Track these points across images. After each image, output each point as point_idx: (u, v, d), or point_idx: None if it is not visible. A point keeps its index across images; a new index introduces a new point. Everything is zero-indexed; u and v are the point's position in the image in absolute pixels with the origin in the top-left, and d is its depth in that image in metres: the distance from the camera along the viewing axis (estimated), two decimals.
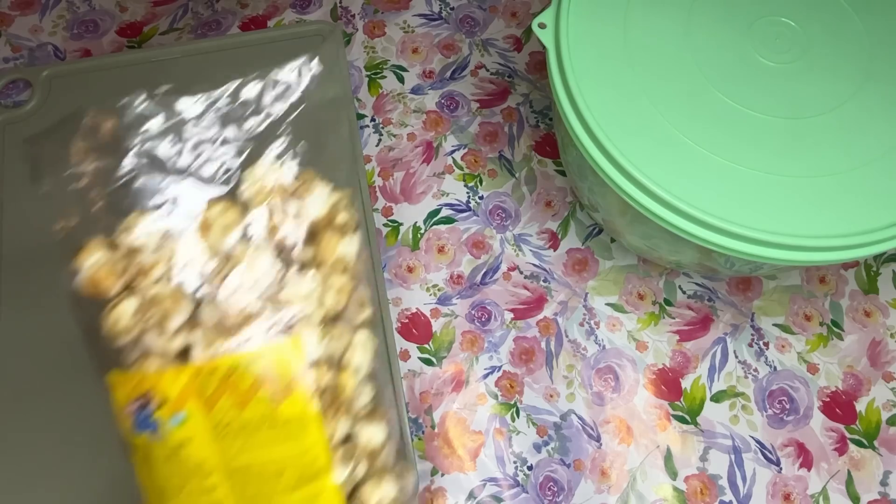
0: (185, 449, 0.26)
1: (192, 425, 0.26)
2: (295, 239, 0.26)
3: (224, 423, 0.26)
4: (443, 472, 0.43)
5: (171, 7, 0.59)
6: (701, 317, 0.47)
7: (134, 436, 0.27)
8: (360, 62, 0.55)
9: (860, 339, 0.47)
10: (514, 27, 0.58)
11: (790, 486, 0.43)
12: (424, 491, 0.42)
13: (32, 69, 0.54)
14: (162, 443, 0.26)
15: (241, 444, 0.26)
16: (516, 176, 0.52)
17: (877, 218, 0.35)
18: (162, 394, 0.26)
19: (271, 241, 0.26)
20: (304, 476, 0.26)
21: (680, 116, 0.38)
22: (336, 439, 0.26)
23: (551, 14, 0.41)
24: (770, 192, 0.36)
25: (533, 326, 0.47)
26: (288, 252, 0.26)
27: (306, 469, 0.26)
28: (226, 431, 0.26)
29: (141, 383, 0.26)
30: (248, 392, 0.26)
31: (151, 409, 0.26)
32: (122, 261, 0.26)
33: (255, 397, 0.26)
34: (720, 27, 0.40)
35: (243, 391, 0.26)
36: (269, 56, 0.55)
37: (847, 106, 0.38)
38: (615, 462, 0.43)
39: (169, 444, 0.26)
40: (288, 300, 0.25)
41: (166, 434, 0.26)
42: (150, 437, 0.26)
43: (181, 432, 0.26)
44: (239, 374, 0.26)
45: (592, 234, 0.50)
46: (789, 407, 0.45)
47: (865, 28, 0.40)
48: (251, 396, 0.26)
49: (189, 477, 0.26)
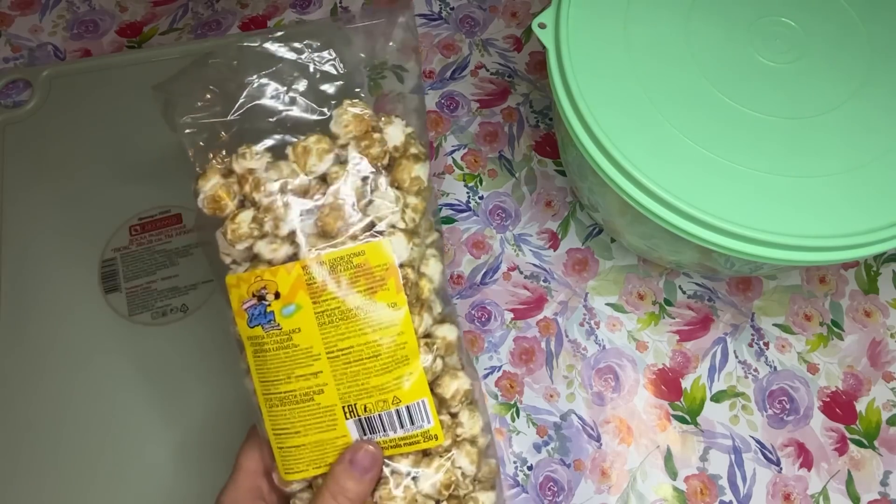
0: (295, 337, 0.30)
1: (300, 315, 0.30)
2: (378, 163, 0.31)
3: (327, 312, 0.30)
4: None
5: (171, 7, 0.59)
6: (701, 317, 0.47)
7: (249, 330, 0.31)
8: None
9: (860, 339, 0.47)
10: (514, 27, 0.58)
11: (790, 486, 0.43)
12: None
13: (32, 69, 0.54)
14: (275, 333, 0.30)
15: (342, 330, 0.30)
16: (516, 176, 0.52)
17: (877, 218, 0.35)
18: (275, 289, 0.30)
19: (359, 164, 0.31)
20: (396, 358, 0.30)
21: (680, 116, 0.38)
22: (419, 332, 0.31)
23: (551, 14, 0.41)
24: (770, 192, 0.36)
25: (533, 326, 0.47)
26: (373, 173, 0.31)
27: (398, 352, 0.30)
28: (329, 319, 0.30)
29: (256, 282, 0.30)
30: (349, 284, 0.30)
31: (266, 303, 0.30)
32: (235, 183, 0.31)
33: (355, 288, 0.30)
34: (720, 27, 0.40)
35: (344, 283, 0.30)
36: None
37: (847, 106, 0.38)
38: (615, 462, 0.43)
39: (281, 333, 0.30)
40: (375, 212, 0.31)
41: (279, 324, 0.30)
42: (265, 329, 0.30)
43: (292, 322, 0.30)
44: (340, 268, 0.30)
45: (592, 234, 0.50)
46: (789, 407, 0.45)
47: (866, 28, 0.40)
48: (351, 288, 0.30)
49: (298, 363, 0.30)
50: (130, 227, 0.49)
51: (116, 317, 0.46)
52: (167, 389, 0.44)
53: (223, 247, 0.32)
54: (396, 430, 0.31)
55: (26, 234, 0.49)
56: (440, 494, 0.31)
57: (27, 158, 0.51)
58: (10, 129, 0.52)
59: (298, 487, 0.32)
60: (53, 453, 0.43)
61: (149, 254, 0.48)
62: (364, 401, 0.31)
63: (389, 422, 0.31)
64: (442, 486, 0.31)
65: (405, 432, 0.31)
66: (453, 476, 0.32)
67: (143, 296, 0.47)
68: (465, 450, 0.32)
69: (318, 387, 0.31)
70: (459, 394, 0.32)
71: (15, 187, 0.50)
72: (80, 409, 0.44)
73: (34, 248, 0.48)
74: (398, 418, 0.31)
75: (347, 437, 0.31)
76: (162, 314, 0.46)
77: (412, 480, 0.31)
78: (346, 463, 0.30)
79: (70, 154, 0.51)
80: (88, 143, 0.52)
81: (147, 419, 0.43)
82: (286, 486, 0.32)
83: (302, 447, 0.31)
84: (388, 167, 0.32)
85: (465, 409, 0.32)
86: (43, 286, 0.47)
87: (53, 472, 0.42)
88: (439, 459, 0.31)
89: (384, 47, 0.33)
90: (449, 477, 0.31)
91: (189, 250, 0.48)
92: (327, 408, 0.31)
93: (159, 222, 0.49)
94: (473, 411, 0.33)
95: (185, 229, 0.49)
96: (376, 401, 0.31)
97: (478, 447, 0.33)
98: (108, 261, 0.48)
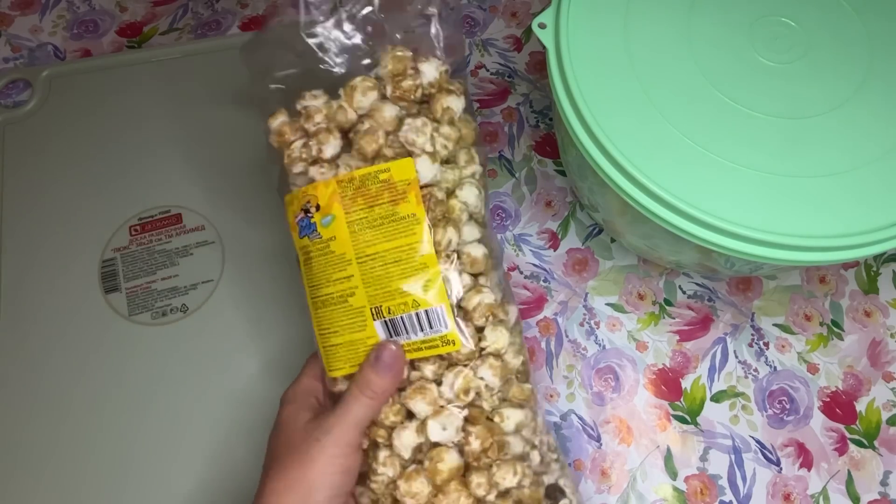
0: (332, 244, 0.34)
1: (335, 225, 0.34)
2: (411, 95, 0.35)
3: (357, 222, 0.34)
4: None
5: (171, 7, 0.59)
6: (701, 317, 0.47)
7: (300, 241, 0.35)
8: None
9: (860, 339, 0.47)
10: (514, 27, 0.58)
11: (790, 486, 0.43)
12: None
13: (32, 69, 0.54)
14: (317, 241, 0.35)
15: (368, 237, 0.34)
16: (516, 176, 0.52)
17: (877, 218, 0.35)
18: (316, 202, 0.35)
19: (396, 98, 0.35)
20: (415, 265, 0.34)
21: (680, 116, 0.38)
22: (443, 245, 0.34)
23: (551, 14, 0.41)
24: (770, 192, 0.36)
25: (533, 326, 0.47)
26: (408, 105, 0.36)
27: (417, 258, 0.34)
28: (358, 228, 0.34)
29: (303, 197, 0.35)
30: (375, 196, 0.34)
31: (310, 215, 0.35)
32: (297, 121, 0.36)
33: (379, 200, 0.34)
34: (720, 27, 0.40)
35: (371, 196, 0.34)
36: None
37: (847, 106, 0.38)
38: (615, 462, 0.43)
39: (322, 241, 0.35)
40: (405, 136, 0.34)
41: (320, 233, 0.35)
42: (310, 238, 0.35)
43: (329, 231, 0.34)
44: (368, 182, 0.34)
45: (592, 234, 0.50)
46: (789, 407, 0.45)
47: (865, 28, 0.40)
48: (377, 199, 0.34)
49: (334, 267, 0.34)
50: (130, 227, 0.49)
51: (116, 317, 0.46)
52: (167, 389, 0.44)
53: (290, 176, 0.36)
54: (417, 332, 0.34)
55: (26, 234, 0.49)
56: (459, 399, 0.33)
57: (27, 158, 0.51)
58: (10, 129, 0.52)
59: (342, 387, 0.35)
60: (53, 453, 0.43)
61: (149, 254, 0.48)
62: (388, 303, 0.34)
63: (410, 324, 0.34)
64: (460, 390, 0.33)
65: (425, 335, 0.34)
66: (472, 383, 0.34)
67: (143, 296, 0.47)
68: (489, 363, 0.34)
69: (350, 289, 0.34)
70: (481, 306, 0.34)
71: (15, 187, 0.50)
72: (80, 409, 0.44)
73: (34, 248, 0.48)
74: (418, 321, 0.34)
75: (375, 337, 0.34)
76: (162, 314, 0.46)
77: (434, 384, 0.34)
78: (371, 360, 0.33)
79: (70, 154, 0.51)
80: (88, 143, 0.52)
81: (147, 419, 0.43)
82: (333, 386, 0.35)
83: (339, 346, 0.35)
84: (426, 102, 0.36)
85: (491, 324, 0.35)
86: (43, 286, 0.47)
87: (53, 471, 0.42)
88: (461, 367, 0.34)
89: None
90: (468, 382, 0.33)
91: (189, 250, 0.48)
92: (358, 309, 0.34)
93: (159, 222, 0.49)
94: (498, 328, 0.35)
95: (185, 229, 0.49)
96: (398, 303, 0.34)
97: (503, 362, 0.35)
98: (108, 261, 0.48)
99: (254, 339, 0.46)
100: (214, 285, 0.47)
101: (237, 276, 0.48)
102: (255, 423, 0.43)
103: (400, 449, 0.33)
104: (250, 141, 0.51)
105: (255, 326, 0.46)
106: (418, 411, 0.34)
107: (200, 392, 0.44)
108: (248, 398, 0.44)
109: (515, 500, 0.34)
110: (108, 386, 0.44)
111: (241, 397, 0.44)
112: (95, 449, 0.43)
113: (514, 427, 0.35)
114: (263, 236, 0.48)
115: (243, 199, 0.50)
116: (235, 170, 0.51)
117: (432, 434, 0.33)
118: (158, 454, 0.43)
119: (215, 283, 0.47)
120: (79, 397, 0.44)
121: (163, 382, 0.44)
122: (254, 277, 0.47)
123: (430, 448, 0.33)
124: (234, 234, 0.49)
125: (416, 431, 0.34)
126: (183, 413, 0.44)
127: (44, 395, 0.44)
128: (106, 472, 0.42)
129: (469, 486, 0.33)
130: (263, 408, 0.44)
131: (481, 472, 0.33)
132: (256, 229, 0.48)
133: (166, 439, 0.43)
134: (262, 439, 0.42)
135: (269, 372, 0.45)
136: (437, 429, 0.33)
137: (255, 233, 0.48)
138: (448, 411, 0.33)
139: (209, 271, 0.48)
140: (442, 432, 0.33)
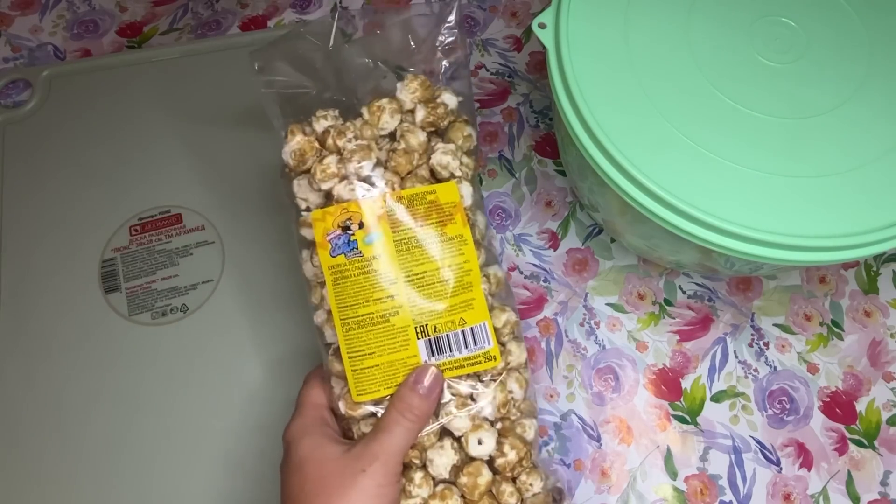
0: (375, 263, 0.34)
1: (381, 243, 0.34)
2: (441, 122, 0.37)
3: (404, 241, 0.34)
4: None
5: (171, 7, 0.59)
6: (701, 317, 0.47)
7: (331, 260, 0.35)
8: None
9: (860, 339, 0.47)
10: (514, 27, 0.58)
11: (790, 486, 0.43)
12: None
13: (32, 69, 0.54)
14: (357, 260, 0.34)
15: (416, 256, 0.34)
16: (516, 176, 0.52)
17: (877, 218, 0.35)
18: (359, 219, 0.34)
19: (423, 123, 0.37)
20: (463, 284, 0.35)
21: (680, 116, 0.38)
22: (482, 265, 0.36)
23: (551, 14, 0.41)
24: (770, 192, 0.36)
25: (533, 326, 0.47)
26: (433, 131, 0.37)
27: (464, 278, 0.35)
28: (406, 247, 0.34)
29: (342, 213, 0.35)
30: (423, 217, 0.35)
31: (351, 233, 0.34)
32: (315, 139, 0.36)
33: (427, 221, 0.35)
34: (720, 27, 0.40)
35: (419, 216, 0.35)
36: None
37: (847, 106, 0.38)
38: (615, 462, 0.43)
39: (363, 260, 0.34)
40: (439, 160, 0.36)
41: (361, 252, 0.34)
42: (347, 256, 0.34)
43: (373, 249, 0.34)
44: (416, 203, 0.35)
45: (592, 234, 0.50)
46: (789, 407, 0.45)
47: (865, 28, 0.40)
48: (425, 220, 0.35)
49: (376, 287, 0.34)
50: (130, 227, 0.49)
51: (116, 317, 0.46)
52: (167, 389, 0.44)
53: (300, 192, 0.36)
54: (461, 350, 0.34)
55: (26, 234, 0.49)
56: (498, 413, 0.35)
57: (27, 158, 0.51)
58: (10, 129, 0.52)
59: (367, 412, 0.35)
60: (52, 453, 0.43)
61: (149, 254, 0.48)
62: (434, 321, 0.34)
63: (455, 342, 0.34)
64: (500, 404, 0.35)
65: (468, 352, 0.35)
66: (507, 397, 0.35)
67: (143, 296, 0.47)
68: (515, 376, 0.36)
69: (393, 309, 0.34)
70: (509, 324, 0.36)
71: (15, 187, 0.50)
72: (80, 409, 0.44)
73: (34, 248, 0.48)
74: (463, 339, 0.35)
75: (417, 357, 0.34)
76: (162, 314, 0.46)
77: (472, 401, 0.35)
78: (411, 383, 0.33)
79: (70, 154, 0.51)
80: (88, 143, 0.52)
81: (146, 419, 0.44)
82: (355, 410, 0.35)
83: (375, 367, 0.34)
84: (445, 129, 0.38)
85: (513, 340, 0.37)
86: (43, 286, 0.47)
87: (52, 471, 0.42)
88: (494, 384, 0.35)
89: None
90: (505, 396, 0.35)
91: (189, 250, 0.48)
92: (401, 329, 0.34)
93: (159, 222, 0.49)
94: (520, 342, 0.37)
95: (185, 229, 0.49)
96: (445, 321, 0.34)
97: (525, 376, 0.36)
98: (108, 261, 0.48)
99: (254, 339, 0.46)
100: (214, 285, 0.47)
101: (237, 276, 0.48)
102: (255, 423, 0.43)
103: (439, 468, 0.34)
104: (251, 141, 0.51)
105: (255, 326, 0.46)
106: (459, 428, 0.34)
107: (200, 392, 0.44)
108: (248, 398, 0.44)
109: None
110: (108, 386, 0.44)
111: (241, 397, 0.44)
112: (95, 449, 0.43)
113: (534, 435, 0.36)
114: (263, 236, 0.48)
115: (243, 200, 0.50)
116: (236, 170, 0.51)
117: (472, 450, 0.34)
118: (158, 454, 0.43)
119: (215, 283, 0.47)
120: (78, 397, 0.44)
121: (163, 382, 0.44)
122: (254, 277, 0.47)
123: (465, 464, 0.34)
124: (234, 234, 0.49)
125: (453, 450, 0.34)
126: (183, 413, 0.44)
127: (43, 394, 0.44)
128: (105, 472, 0.42)
129: (501, 497, 0.34)
130: (263, 408, 0.44)
131: (509, 482, 0.35)
132: (256, 229, 0.49)
133: (166, 439, 0.43)
134: (262, 440, 0.43)
135: (269, 372, 0.45)
136: (475, 444, 0.34)
137: (255, 233, 0.48)
138: (485, 426, 0.34)
139: (209, 271, 0.48)
140: (479, 447, 0.34)
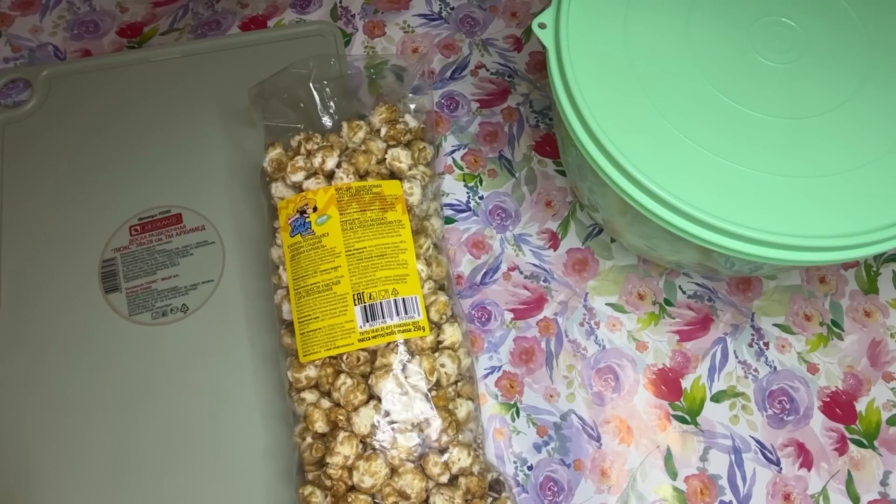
0: (324, 240, 0.40)
1: (330, 223, 0.41)
2: (401, 137, 0.45)
3: (349, 221, 0.41)
4: None
5: (171, 7, 0.59)
6: (701, 317, 0.47)
7: (290, 239, 0.41)
8: (359, 62, 0.55)
9: (860, 339, 0.47)
10: (514, 27, 0.58)
11: (790, 486, 0.43)
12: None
13: (32, 69, 0.54)
14: (309, 237, 0.41)
15: (359, 234, 0.40)
16: (516, 176, 0.52)
17: (877, 218, 0.35)
18: (314, 204, 0.41)
19: (389, 136, 0.45)
20: (398, 260, 0.41)
21: (680, 116, 0.38)
22: (423, 249, 0.42)
23: (551, 14, 0.41)
24: (770, 192, 0.36)
25: (533, 326, 0.47)
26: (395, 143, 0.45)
27: (399, 255, 0.41)
28: (350, 227, 0.41)
29: (301, 200, 0.42)
30: (367, 203, 0.41)
31: (306, 216, 0.41)
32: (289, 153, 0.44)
33: (371, 206, 0.41)
34: (720, 27, 0.40)
35: (365, 202, 0.41)
36: (268, 56, 0.55)
37: (847, 106, 0.38)
38: (615, 462, 0.43)
39: (314, 237, 0.41)
40: (393, 164, 0.44)
41: (313, 231, 0.41)
42: (302, 235, 0.41)
43: (322, 228, 0.41)
44: (362, 193, 0.42)
45: (592, 234, 0.50)
46: (789, 407, 0.45)
47: (865, 28, 0.40)
48: (369, 206, 0.41)
49: (324, 259, 0.40)
50: (130, 227, 0.49)
51: (116, 317, 0.46)
52: (167, 390, 0.44)
53: (277, 192, 0.43)
54: (393, 316, 0.39)
55: (26, 233, 0.49)
56: (427, 381, 0.38)
57: (27, 158, 0.51)
58: (10, 129, 0.52)
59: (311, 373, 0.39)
60: (52, 453, 0.43)
61: (149, 254, 0.48)
62: (370, 290, 0.39)
63: (388, 309, 0.39)
64: (426, 371, 0.39)
65: (400, 320, 0.39)
66: (435, 366, 0.39)
67: (143, 296, 0.47)
68: (448, 353, 0.40)
69: (336, 279, 0.40)
70: (438, 303, 0.41)
71: (15, 187, 0.50)
72: (80, 409, 0.44)
73: (34, 248, 0.48)
74: (395, 307, 0.39)
75: (354, 321, 0.39)
76: (162, 314, 0.46)
77: (401, 370, 0.38)
78: None
79: (70, 154, 0.51)
80: (88, 143, 0.52)
81: (146, 419, 0.44)
82: (300, 372, 0.39)
83: (318, 331, 0.39)
84: (407, 145, 0.45)
85: (448, 322, 0.41)
86: (43, 286, 0.47)
87: (52, 471, 0.42)
88: (425, 355, 0.39)
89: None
90: (431, 363, 0.39)
91: (189, 250, 0.48)
92: (341, 296, 0.39)
93: (159, 222, 0.49)
94: (454, 324, 0.41)
95: (185, 229, 0.49)
96: (379, 290, 0.40)
97: (458, 355, 0.40)
98: (108, 261, 0.48)
99: (254, 340, 0.46)
100: (214, 285, 0.47)
101: (237, 276, 0.48)
102: (256, 423, 0.43)
103: (358, 426, 0.37)
104: (251, 141, 0.51)
105: (255, 326, 0.46)
106: (384, 393, 0.38)
107: (200, 392, 0.44)
108: (248, 398, 0.44)
109: (464, 488, 0.37)
110: (108, 386, 0.44)
111: (241, 397, 0.44)
112: (94, 449, 0.43)
113: (465, 415, 0.39)
114: (263, 236, 0.48)
115: (243, 199, 0.50)
116: (236, 170, 0.51)
117: (395, 413, 0.37)
118: (158, 454, 0.43)
119: (215, 283, 0.47)
120: (78, 397, 0.44)
121: (163, 382, 0.44)
122: (254, 277, 0.47)
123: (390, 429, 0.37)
124: (234, 234, 0.49)
125: (374, 409, 0.37)
126: (183, 413, 0.44)
127: (43, 394, 0.44)
128: (105, 472, 0.42)
129: (426, 467, 0.37)
130: (264, 408, 0.44)
131: (437, 453, 0.37)
132: (256, 229, 0.48)
133: (166, 439, 0.43)
134: (262, 440, 0.43)
135: (269, 372, 0.45)
136: (400, 408, 0.37)
137: (255, 233, 0.48)
138: (412, 393, 0.38)
139: (209, 271, 0.48)
140: (404, 412, 0.37)
